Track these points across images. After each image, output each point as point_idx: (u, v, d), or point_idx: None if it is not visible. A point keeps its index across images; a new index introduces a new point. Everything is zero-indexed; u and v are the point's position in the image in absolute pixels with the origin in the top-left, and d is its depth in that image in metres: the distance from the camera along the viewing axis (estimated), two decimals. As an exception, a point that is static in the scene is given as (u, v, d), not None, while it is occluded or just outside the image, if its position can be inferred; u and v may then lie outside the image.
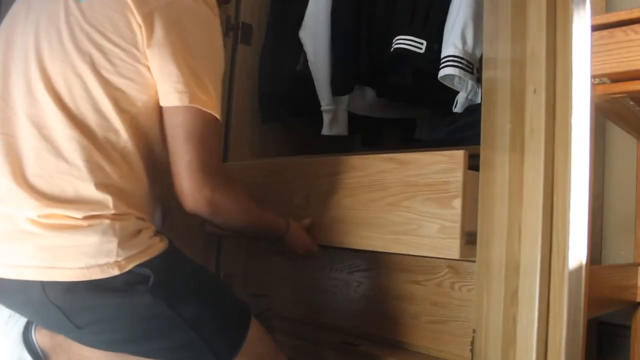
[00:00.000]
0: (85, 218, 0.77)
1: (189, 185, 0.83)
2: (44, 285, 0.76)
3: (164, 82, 0.82)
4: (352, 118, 1.51)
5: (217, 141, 0.90)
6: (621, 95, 0.97)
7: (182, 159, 0.83)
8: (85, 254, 0.76)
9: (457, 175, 0.89)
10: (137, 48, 0.82)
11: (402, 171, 0.96)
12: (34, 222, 0.76)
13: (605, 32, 0.92)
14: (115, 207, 0.79)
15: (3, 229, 0.78)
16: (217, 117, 0.86)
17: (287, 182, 1.16)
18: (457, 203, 0.88)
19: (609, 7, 1.42)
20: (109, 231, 0.77)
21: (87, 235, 0.77)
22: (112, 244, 0.77)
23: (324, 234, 1.07)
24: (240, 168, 1.30)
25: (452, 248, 0.88)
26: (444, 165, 0.91)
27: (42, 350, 0.89)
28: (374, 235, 0.98)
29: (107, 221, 0.78)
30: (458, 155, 0.90)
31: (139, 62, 0.82)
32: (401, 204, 0.95)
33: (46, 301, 0.77)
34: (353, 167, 1.03)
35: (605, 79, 0.95)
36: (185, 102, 0.82)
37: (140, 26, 0.81)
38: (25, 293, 0.78)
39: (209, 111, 0.84)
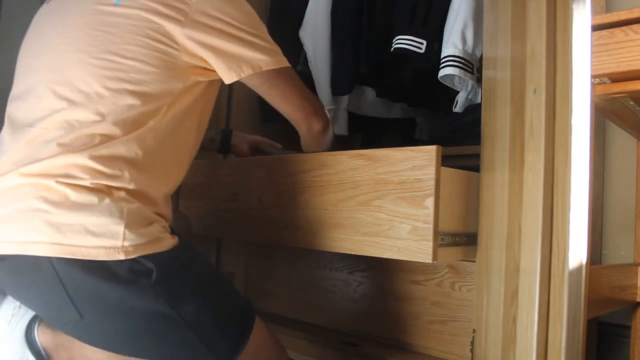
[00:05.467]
0: (93, 186, 0.78)
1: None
2: (52, 260, 0.76)
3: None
4: (352, 118, 1.51)
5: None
6: (621, 95, 0.97)
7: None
8: (92, 234, 0.76)
9: (429, 173, 0.84)
10: None
11: (372, 168, 0.91)
12: (44, 199, 0.77)
13: (605, 32, 0.92)
14: (131, 181, 0.81)
15: (14, 208, 0.78)
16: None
17: (257, 180, 1.12)
18: (430, 202, 0.83)
19: (609, 7, 1.42)
20: (115, 213, 0.78)
21: (94, 214, 0.77)
22: (119, 226, 0.77)
23: (293, 234, 1.03)
24: (210, 165, 1.25)
25: (424, 251, 0.83)
26: (416, 161, 0.86)
27: (44, 349, 0.89)
28: (344, 236, 0.94)
29: (115, 202, 0.78)
30: (430, 151, 0.84)
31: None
32: (372, 203, 0.91)
33: (54, 278, 0.77)
34: (323, 165, 1.00)
35: (605, 79, 0.95)
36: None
37: None
38: (34, 270, 0.78)
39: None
